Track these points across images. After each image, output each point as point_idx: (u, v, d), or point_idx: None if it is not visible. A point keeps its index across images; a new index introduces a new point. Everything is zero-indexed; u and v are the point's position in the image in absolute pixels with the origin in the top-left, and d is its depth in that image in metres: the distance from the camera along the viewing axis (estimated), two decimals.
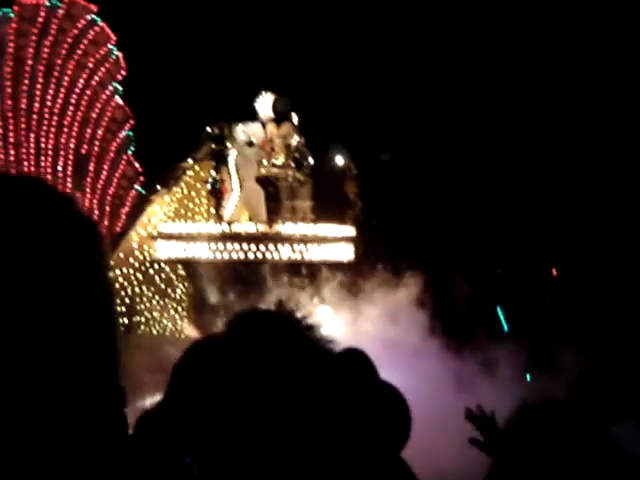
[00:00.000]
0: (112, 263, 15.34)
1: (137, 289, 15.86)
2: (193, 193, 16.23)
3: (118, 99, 18.12)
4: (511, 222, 15.67)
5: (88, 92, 17.98)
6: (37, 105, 17.87)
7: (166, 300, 15.98)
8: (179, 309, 15.91)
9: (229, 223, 14.74)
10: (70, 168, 17.73)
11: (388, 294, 12.75)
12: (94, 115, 17.97)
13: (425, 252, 13.76)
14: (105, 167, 17.82)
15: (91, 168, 17.80)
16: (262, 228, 14.47)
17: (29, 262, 1.02)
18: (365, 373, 1.98)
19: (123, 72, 18.07)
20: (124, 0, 18.43)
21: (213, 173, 15.49)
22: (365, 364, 2.02)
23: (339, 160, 15.42)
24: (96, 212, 17.54)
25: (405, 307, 12.45)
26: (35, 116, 17.87)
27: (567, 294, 13.62)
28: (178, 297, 16.09)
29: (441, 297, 13.33)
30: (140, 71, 18.23)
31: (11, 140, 17.73)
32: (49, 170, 17.67)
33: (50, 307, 0.98)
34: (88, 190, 17.67)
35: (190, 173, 16.27)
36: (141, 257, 15.89)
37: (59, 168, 17.70)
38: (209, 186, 15.60)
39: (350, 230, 14.70)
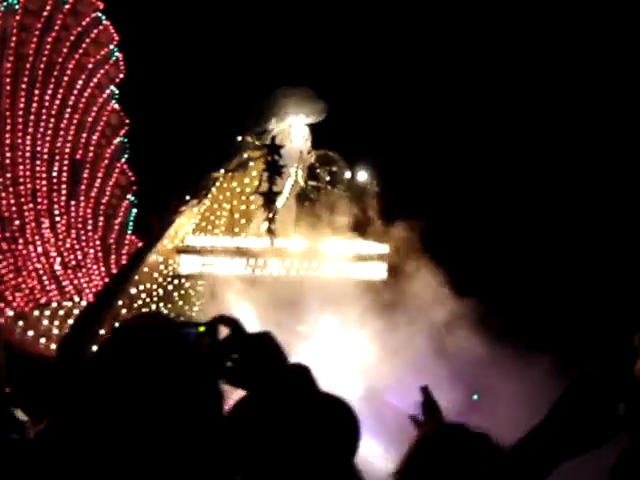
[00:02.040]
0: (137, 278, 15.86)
1: (154, 306, 15.66)
2: (225, 204, 15.90)
3: (114, 103, 17.81)
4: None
5: (86, 94, 17.47)
6: (35, 105, 17.08)
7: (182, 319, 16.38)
8: None
9: (260, 237, 14.81)
10: (65, 174, 17.42)
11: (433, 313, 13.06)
12: (90, 119, 17.58)
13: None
14: (99, 175, 17.72)
15: (85, 175, 17.64)
16: (294, 244, 14.61)
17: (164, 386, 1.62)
18: (304, 387, 1.97)
19: (121, 75, 17.69)
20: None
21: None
22: (304, 378, 2.02)
23: (361, 176, 15.40)
24: (90, 222, 17.70)
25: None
26: (32, 117, 17.10)
27: None
28: (195, 315, 15.79)
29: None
30: (141, 73, 17.87)
31: (7, 142, 16.90)
32: (44, 176, 17.24)
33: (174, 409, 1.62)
34: (82, 198, 17.61)
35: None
36: (165, 272, 15.68)
37: (54, 174, 17.34)
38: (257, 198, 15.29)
39: (384, 248, 14.77)
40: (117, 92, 17.74)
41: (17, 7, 16.63)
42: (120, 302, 15.36)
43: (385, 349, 12.93)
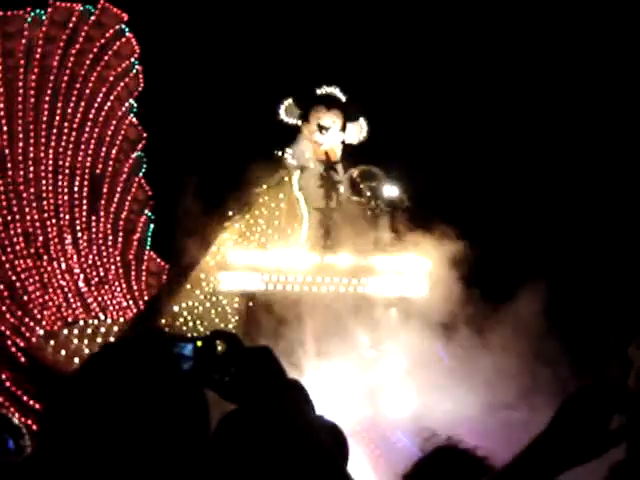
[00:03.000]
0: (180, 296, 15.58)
1: (191, 324, 15.34)
2: (261, 220, 15.59)
3: (132, 117, 17.57)
4: None
5: (106, 107, 17.19)
6: (58, 119, 16.74)
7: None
8: None
9: (302, 254, 14.56)
10: (86, 189, 17.10)
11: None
12: (109, 133, 17.30)
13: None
14: (118, 189, 17.46)
15: (105, 190, 17.35)
16: (336, 260, 14.37)
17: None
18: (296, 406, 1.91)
19: (140, 88, 17.48)
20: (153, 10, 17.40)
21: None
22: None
23: (392, 191, 15.08)
24: (110, 238, 17.41)
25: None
26: (55, 130, 16.74)
27: None
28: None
29: None
30: (160, 85, 17.68)
31: (31, 155, 16.50)
32: (66, 190, 16.89)
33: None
34: (102, 214, 17.32)
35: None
36: (207, 289, 15.30)
37: (75, 188, 16.99)
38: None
39: (426, 263, 14.56)
40: (135, 105, 17.46)
41: (44, 18, 16.25)
42: (163, 321, 15.17)
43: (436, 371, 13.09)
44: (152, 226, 17.77)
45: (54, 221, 16.62)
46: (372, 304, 14.26)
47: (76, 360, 15.17)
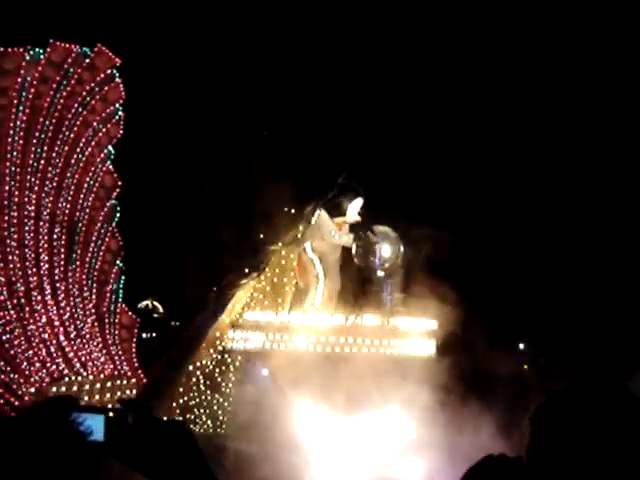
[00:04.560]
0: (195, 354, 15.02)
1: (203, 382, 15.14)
2: (275, 280, 15.55)
3: (109, 164, 16.97)
4: None
5: (86, 153, 16.53)
6: (43, 162, 15.91)
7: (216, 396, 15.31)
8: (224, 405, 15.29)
9: (317, 314, 14.58)
10: (64, 237, 16.30)
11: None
12: (87, 179, 16.61)
13: None
14: (93, 238, 16.75)
15: (81, 239, 16.60)
16: (345, 320, 14.45)
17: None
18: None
19: (119, 135, 16.94)
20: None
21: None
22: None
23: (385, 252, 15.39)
24: (85, 289, 16.63)
25: None
26: (40, 175, 15.89)
27: None
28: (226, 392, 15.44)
29: None
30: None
31: (15, 200, 15.56)
32: (46, 238, 16.02)
33: None
34: (78, 263, 16.54)
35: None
36: (220, 348, 15.08)
37: (54, 236, 16.16)
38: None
39: (432, 323, 14.82)
40: (113, 152, 16.90)
41: (42, 57, 15.47)
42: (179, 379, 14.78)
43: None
44: (123, 278, 17.12)
45: (35, 270, 15.69)
46: (386, 364, 14.27)
47: None
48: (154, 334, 23.56)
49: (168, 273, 17.88)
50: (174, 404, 14.27)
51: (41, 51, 15.44)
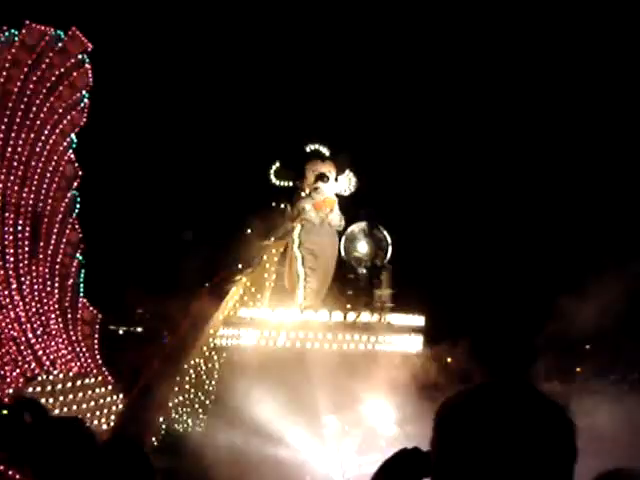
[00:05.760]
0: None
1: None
2: (266, 275, 15.16)
3: (71, 153, 16.24)
4: None
5: (50, 141, 15.79)
6: (10, 150, 15.12)
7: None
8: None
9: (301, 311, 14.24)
10: (28, 229, 15.52)
11: None
12: (50, 168, 15.88)
13: None
14: (54, 230, 16.03)
15: (43, 230, 15.85)
16: (335, 317, 14.15)
17: None
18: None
19: (82, 122, 16.24)
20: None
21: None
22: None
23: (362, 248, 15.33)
24: (48, 284, 15.90)
25: None
26: (6, 163, 15.07)
27: None
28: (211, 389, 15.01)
29: None
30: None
31: None
32: (11, 230, 15.22)
33: None
34: (41, 257, 15.78)
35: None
36: (212, 345, 14.61)
37: (19, 228, 15.37)
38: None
39: (419, 319, 14.72)
40: (75, 141, 16.20)
41: (16, 39, 14.62)
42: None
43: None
44: (83, 271, 16.45)
45: (1, 263, 14.87)
46: (373, 361, 14.15)
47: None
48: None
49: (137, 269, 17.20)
50: (169, 403, 13.88)
51: (16, 32, 14.58)
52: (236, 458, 12.23)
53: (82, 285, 16.40)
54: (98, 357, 16.19)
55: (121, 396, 15.30)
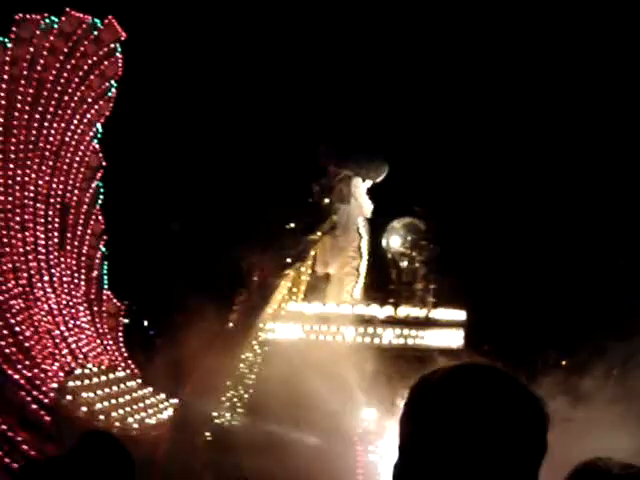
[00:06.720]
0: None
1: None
2: (303, 269, 15.33)
3: (96, 143, 15.99)
4: None
5: (79, 131, 15.54)
6: (42, 139, 14.84)
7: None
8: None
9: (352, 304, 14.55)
10: (57, 220, 15.26)
11: None
12: (77, 159, 15.63)
13: None
14: (80, 221, 15.78)
15: (70, 222, 15.59)
16: (376, 311, 14.40)
17: None
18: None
19: (107, 113, 16.00)
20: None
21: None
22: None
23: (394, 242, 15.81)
24: (75, 275, 15.66)
25: None
26: (38, 153, 14.81)
27: None
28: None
29: None
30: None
31: (18, 179, 14.42)
32: (42, 221, 14.94)
33: None
34: (68, 248, 15.53)
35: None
36: (260, 338, 14.67)
37: (49, 219, 15.11)
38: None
39: (461, 314, 14.93)
40: (101, 131, 15.97)
41: (55, 26, 14.35)
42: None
43: None
44: (106, 263, 16.23)
45: (34, 255, 14.59)
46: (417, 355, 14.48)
47: (101, 417, 13.59)
48: None
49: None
50: (223, 397, 13.84)
51: (55, 20, 14.31)
52: (278, 448, 12.27)
53: (106, 277, 16.17)
54: (123, 350, 16.00)
55: (150, 389, 15.17)
